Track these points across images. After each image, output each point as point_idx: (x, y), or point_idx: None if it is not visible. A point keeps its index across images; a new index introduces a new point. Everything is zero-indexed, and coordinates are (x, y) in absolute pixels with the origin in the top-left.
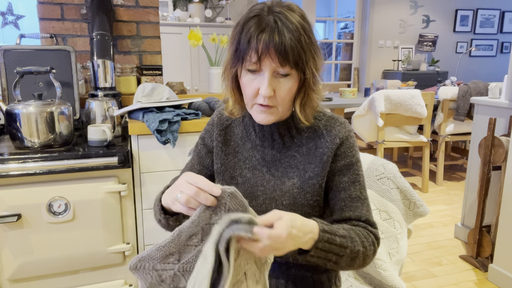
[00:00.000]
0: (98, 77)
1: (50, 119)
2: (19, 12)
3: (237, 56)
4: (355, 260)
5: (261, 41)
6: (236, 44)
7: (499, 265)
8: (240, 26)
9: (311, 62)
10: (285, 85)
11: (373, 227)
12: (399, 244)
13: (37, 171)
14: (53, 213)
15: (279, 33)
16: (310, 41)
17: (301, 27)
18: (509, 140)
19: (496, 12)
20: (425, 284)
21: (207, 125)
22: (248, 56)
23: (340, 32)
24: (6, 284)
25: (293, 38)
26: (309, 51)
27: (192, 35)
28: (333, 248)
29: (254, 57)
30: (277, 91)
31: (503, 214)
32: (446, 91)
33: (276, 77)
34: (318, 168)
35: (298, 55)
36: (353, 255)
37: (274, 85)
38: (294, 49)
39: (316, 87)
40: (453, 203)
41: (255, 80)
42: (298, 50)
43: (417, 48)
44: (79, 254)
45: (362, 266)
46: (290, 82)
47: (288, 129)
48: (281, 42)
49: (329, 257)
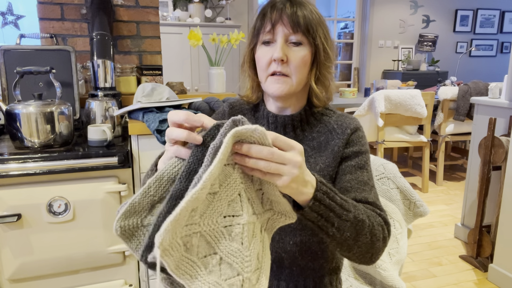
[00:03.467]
0: (98, 77)
1: (50, 119)
2: (19, 12)
3: (254, 35)
4: (361, 234)
5: (275, 11)
6: (254, 24)
7: (499, 265)
8: (258, 12)
9: (321, 35)
10: (298, 53)
11: (382, 211)
12: (399, 244)
13: (37, 171)
14: (53, 213)
15: (292, 5)
16: (321, 20)
17: (313, 8)
18: (509, 140)
19: (496, 12)
20: (425, 284)
21: (216, 114)
22: (263, 28)
23: (340, 32)
24: (6, 284)
25: (305, 10)
26: (320, 25)
27: (192, 35)
28: (333, 206)
29: (268, 27)
30: (290, 58)
31: (503, 214)
32: (446, 91)
33: (289, 46)
34: (329, 159)
35: (310, 23)
36: (358, 225)
37: (286, 52)
38: (306, 18)
39: (328, 64)
40: (453, 203)
41: (269, 50)
42: (310, 20)
43: (417, 48)
44: (79, 254)
45: (370, 251)
46: (303, 51)
47: (301, 122)
48: (293, 12)
49: (330, 218)
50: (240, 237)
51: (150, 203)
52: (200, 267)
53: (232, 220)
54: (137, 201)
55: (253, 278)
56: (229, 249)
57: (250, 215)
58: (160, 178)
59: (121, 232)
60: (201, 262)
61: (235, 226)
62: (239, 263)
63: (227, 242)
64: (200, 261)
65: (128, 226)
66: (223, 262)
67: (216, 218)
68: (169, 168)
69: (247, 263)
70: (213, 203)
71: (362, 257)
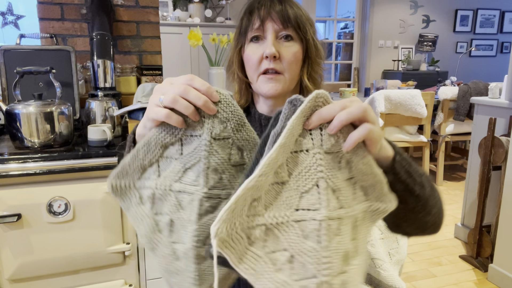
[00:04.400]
0: (98, 77)
1: (50, 119)
2: (19, 12)
3: (241, 34)
4: (434, 190)
5: (262, 8)
6: (239, 24)
7: (499, 265)
8: (242, 11)
9: (311, 31)
10: (289, 49)
11: None
12: (399, 244)
13: (37, 171)
14: (53, 213)
15: (280, 2)
16: (309, 17)
17: (300, 6)
18: (509, 140)
19: (496, 12)
20: (425, 284)
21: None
22: (251, 25)
23: (340, 32)
24: (6, 284)
25: (294, 7)
26: (308, 22)
27: (192, 35)
28: (408, 159)
29: (256, 23)
30: (282, 54)
31: (503, 214)
32: (446, 91)
33: (279, 42)
34: None
35: (300, 19)
36: (429, 179)
37: (278, 48)
38: (295, 13)
39: (319, 60)
40: (453, 203)
41: (259, 48)
42: (299, 15)
43: (417, 48)
44: (79, 254)
45: (442, 212)
46: (294, 46)
47: None
48: (282, 8)
49: (412, 172)
50: (316, 235)
51: (140, 166)
52: (267, 263)
53: (306, 214)
54: (127, 163)
55: (335, 282)
56: (302, 247)
57: (332, 210)
58: (148, 143)
59: (113, 190)
60: (268, 258)
61: (310, 222)
62: (314, 264)
63: (300, 239)
64: (267, 256)
65: (120, 185)
66: (295, 260)
67: (285, 211)
68: (156, 134)
69: (325, 265)
70: (281, 194)
71: (437, 219)
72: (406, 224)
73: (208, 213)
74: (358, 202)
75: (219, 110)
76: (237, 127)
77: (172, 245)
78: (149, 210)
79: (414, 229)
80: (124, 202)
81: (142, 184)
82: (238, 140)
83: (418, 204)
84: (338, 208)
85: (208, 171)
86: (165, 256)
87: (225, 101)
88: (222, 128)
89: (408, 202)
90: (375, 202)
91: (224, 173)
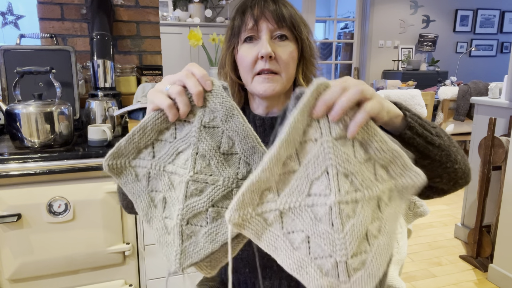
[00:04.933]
0: (98, 77)
1: (50, 119)
2: (19, 12)
3: (234, 34)
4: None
5: (256, 7)
6: (231, 25)
7: (499, 265)
8: (234, 12)
9: (305, 31)
10: (285, 48)
11: None
12: (399, 244)
13: (37, 171)
14: (53, 213)
15: (273, 1)
16: (302, 17)
17: (293, 6)
18: (509, 140)
19: (496, 12)
20: (425, 284)
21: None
22: (244, 25)
23: (340, 32)
24: (6, 284)
25: (287, 6)
26: (302, 22)
27: (192, 35)
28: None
29: (250, 23)
30: (277, 54)
31: (503, 214)
32: (446, 91)
33: (274, 41)
34: None
35: (294, 18)
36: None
37: (273, 48)
38: (290, 13)
39: (313, 60)
40: (453, 203)
41: (254, 47)
42: (293, 15)
43: (417, 48)
44: (79, 254)
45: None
46: (289, 46)
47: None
48: (276, 7)
49: (426, 126)
50: (329, 218)
51: (135, 147)
52: (285, 242)
53: (317, 199)
54: (123, 145)
55: (354, 263)
56: (316, 229)
57: (344, 195)
58: (144, 128)
59: (109, 169)
60: (286, 238)
61: (321, 207)
62: (329, 246)
63: (314, 222)
64: (285, 236)
65: (116, 164)
66: (311, 241)
67: (297, 197)
68: (153, 119)
69: (340, 246)
70: (293, 181)
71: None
72: (439, 180)
73: (194, 195)
74: (380, 182)
75: (209, 100)
76: (225, 118)
77: (164, 220)
78: (145, 187)
79: (447, 183)
80: (120, 179)
81: (137, 163)
82: (227, 130)
83: (442, 154)
84: (354, 191)
85: (197, 156)
86: (158, 229)
87: (215, 92)
88: (212, 118)
89: (432, 154)
90: (399, 179)
91: (212, 160)
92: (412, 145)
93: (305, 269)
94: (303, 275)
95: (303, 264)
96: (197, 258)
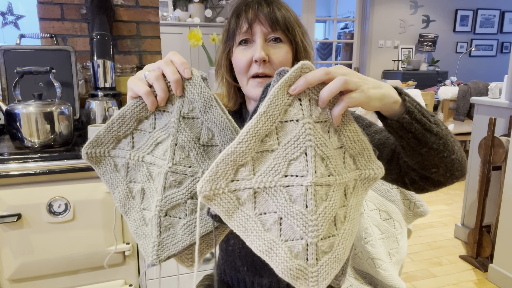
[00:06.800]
0: (98, 77)
1: (50, 119)
2: (19, 12)
3: (229, 37)
4: (450, 133)
5: (250, 10)
6: (227, 27)
7: (499, 265)
8: (230, 14)
9: (299, 33)
10: (279, 51)
11: None
12: (399, 244)
13: (37, 171)
14: (53, 213)
15: (267, 4)
16: (297, 18)
17: (288, 7)
18: (509, 140)
19: (496, 12)
20: (425, 284)
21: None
22: (238, 28)
23: (340, 32)
24: (6, 284)
25: (281, 8)
26: (297, 24)
27: (192, 35)
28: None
29: (244, 26)
30: (271, 57)
31: (503, 214)
32: (446, 91)
33: (268, 45)
34: None
35: (288, 21)
36: (444, 124)
37: (267, 51)
38: (284, 16)
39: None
40: (453, 203)
41: (248, 51)
42: (287, 17)
43: (417, 48)
44: (79, 254)
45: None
46: (284, 48)
47: None
48: (270, 10)
49: (425, 113)
50: (303, 199)
51: (114, 137)
52: (257, 223)
53: (294, 180)
54: (102, 134)
55: (323, 245)
56: (290, 210)
57: (320, 177)
58: (123, 116)
59: (87, 157)
60: (258, 218)
61: (296, 187)
62: (301, 227)
63: (288, 203)
64: (256, 217)
65: (95, 153)
66: (283, 222)
67: (273, 177)
68: (131, 107)
69: (312, 227)
70: (270, 161)
71: (461, 159)
72: (435, 170)
73: (172, 187)
74: (348, 170)
75: (187, 90)
76: (204, 109)
77: (142, 212)
78: (124, 177)
79: (444, 174)
80: (99, 169)
81: (116, 153)
82: (207, 121)
83: (440, 142)
84: (327, 175)
85: (176, 147)
86: (135, 220)
87: (194, 82)
88: (191, 108)
89: (430, 141)
90: (364, 170)
91: (191, 151)
92: (410, 131)
93: (275, 251)
94: (272, 257)
95: (273, 245)
96: (175, 250)
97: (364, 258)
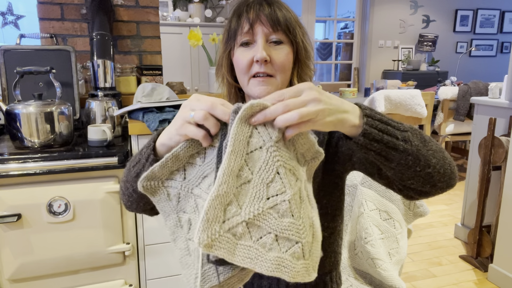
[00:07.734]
0: (98, 77)
1: (50, 119)
2: (19, 12)
3: (230, 37)
4: (427, 142)
5: (251, 11)
6: (227, 27)
7: (499, 265)
8: (230, 14)
9: (300, 33)
10: (280, 51)
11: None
12: (399, 244)
13: (37, 171)
14: (53, 213)
15: (268, 5)
16: (297, 19)
17: (288, 7)
18: (509, 140)
19: (496, 12)
20: (425, 284)
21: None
22: (240, 29)
23: (340, 32)
24: (6, 284)
25: (282, 9)
26: (297, 24)
27: (192, 35)
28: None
29: (246, 27)
30: (273, 57)
31: (503, 214)
32: (446, 91)
33: (270, 45)
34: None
35: (289, 22)
36: (418, 134)
37: (268, 52)
38: (285, 16)
39: (309, 62)
40: (453, 203)
41: (249, 51)
42: (288, 18)
43: (417, 48)
44: (79, 254)
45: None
46: (285, 50)
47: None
48: (271, 11)
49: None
50: (290, 211)
51: (168, 171)
52: (258, 249)
53: (277, 199)
54: (156, 170)
55: (308, 241)
56: (282, 225)
57: (293, 186)
58: (177, 156)
59: (144, 190)
60: (258, 244)
61: (282, 204)
62: (295, 234)
63: (278, 220)
64: (256, 244)
65: (150, 185)
66: (280, 238)
67: (258, 204)
68: (185, 148)
69: (301, 230)
70: (250, 191)
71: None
72: (411, 182)
73: None
74: (301, 166)
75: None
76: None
77: (188, 241)
78: (175, 206)
79: (424, 185)
80: (154, 198)
81: (169, 183)
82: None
83: (408, 158)
84: (296, 181)
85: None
86: (181, 249)
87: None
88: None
89: (395, 158)
90: (311, 161)
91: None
92: (371, 149)
93: (282, 264)
94: (282, 270)
95: (280, 261)
96: (216, 282)
97: (364, 258)
